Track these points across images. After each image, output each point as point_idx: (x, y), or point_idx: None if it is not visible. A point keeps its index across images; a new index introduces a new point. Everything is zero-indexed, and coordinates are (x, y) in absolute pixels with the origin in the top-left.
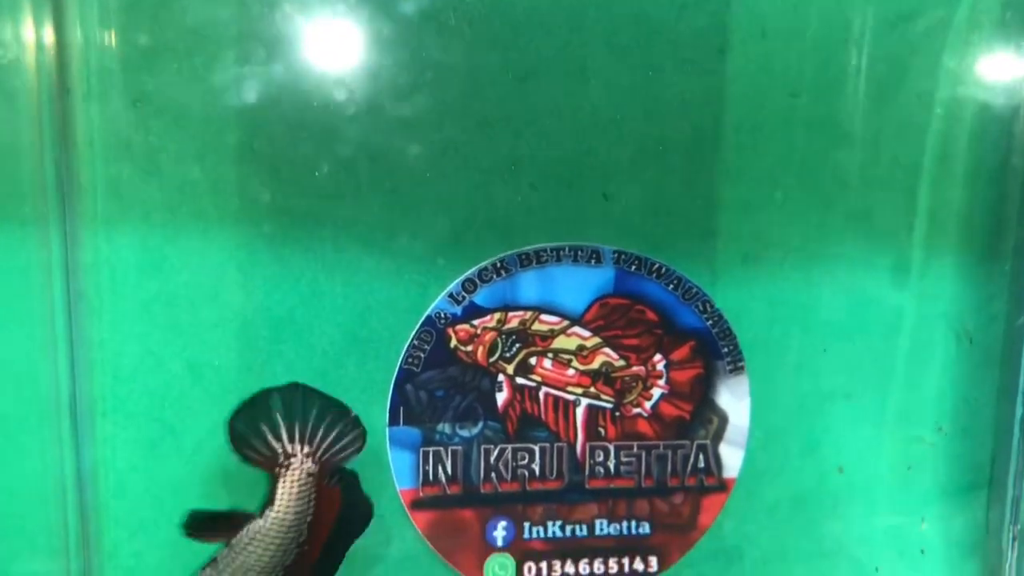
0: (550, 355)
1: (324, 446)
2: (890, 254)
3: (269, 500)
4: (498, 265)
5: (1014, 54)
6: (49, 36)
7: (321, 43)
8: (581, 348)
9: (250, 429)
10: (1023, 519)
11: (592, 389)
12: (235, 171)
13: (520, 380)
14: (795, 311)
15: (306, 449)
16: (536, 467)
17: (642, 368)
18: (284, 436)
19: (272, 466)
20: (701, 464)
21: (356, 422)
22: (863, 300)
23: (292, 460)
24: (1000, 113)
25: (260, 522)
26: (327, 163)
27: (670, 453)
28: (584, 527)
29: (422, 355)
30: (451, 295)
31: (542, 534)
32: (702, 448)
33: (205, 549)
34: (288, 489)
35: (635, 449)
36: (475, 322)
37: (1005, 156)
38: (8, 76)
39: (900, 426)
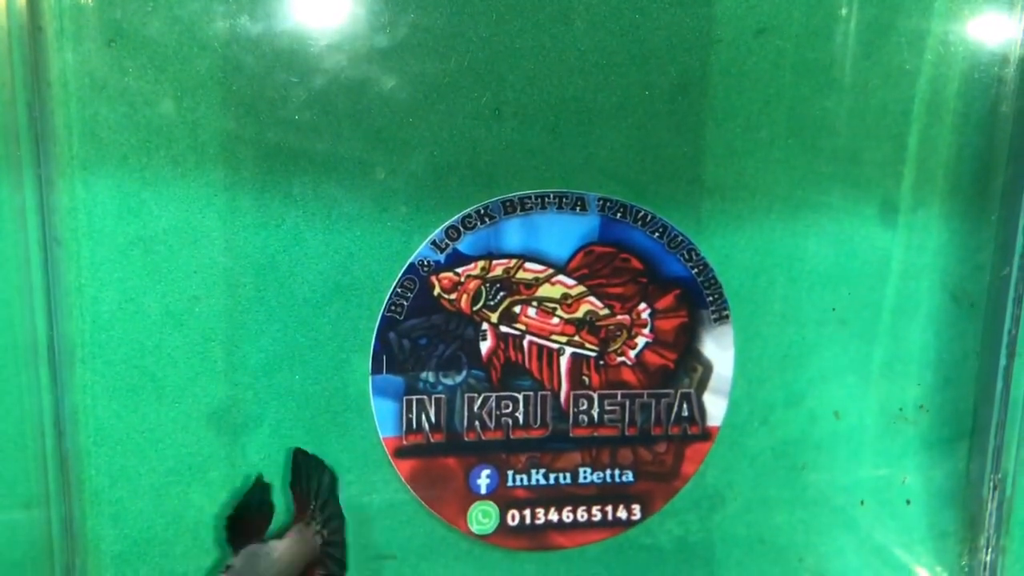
0: (534, 303)
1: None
2: (877, 202)
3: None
4: (482, 212)
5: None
6: None
7: None
8: (566, 296)
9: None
10: (1003, 468)
11: (576, 338)
12: (214, 113)
13: (504, 328)
14: (781, 260)
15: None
16: (520, 415)
17: (627, 317)
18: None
19: (304, 508)
20: (685, 413)
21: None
22: (849, 249)
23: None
24: (989, 59)
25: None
26: (308, 104)
27: (654, 402)
28: (567, 475)
29: (405, 303)
30: (434, 242)
31: (525, 482)
32: (686, 397)
33: (189, 498)
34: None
35: (619, 398)
36: (459, 270)
37: (994, 103)
38: None
39: (884, 377)
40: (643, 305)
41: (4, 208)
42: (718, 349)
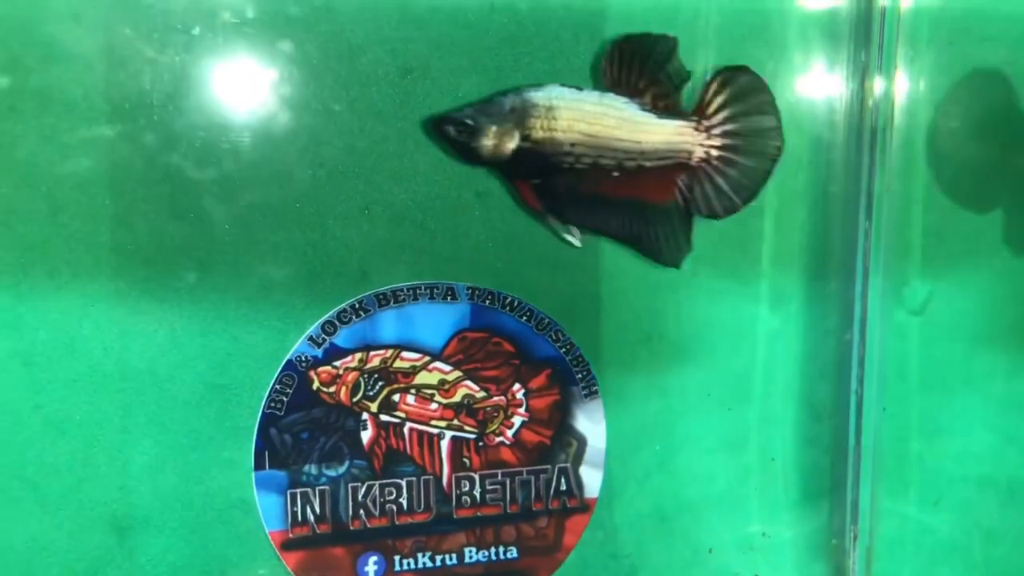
0: (413, 391)
1: None
2: (732, 278)
3: None
4: (356, 306)
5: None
6: None
7: (170, 95)
8: (443, 382)
9: None
10: (861, 520)
11: (455, 421)
12: (86, 227)
13: (384, 417)
14: (640, 335)
15: None
16: (404, 501)
17: (502, 398)
18: None
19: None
20: (563, 487)
21: None
22: (707, 322)
23: None
24: (818, 144)
25: None
26: (181, 212)
27: (533, 479)
28: (454, 556)
29: (285, 399)
30: (311, 338)
31: (413, 566)
32: (563, 472)
33: None
34: None
35: (499, 477)
36: (337, 363)
37: (824, 184)
38: None
39: (749, 438)
40: (517, 385)
41: None
42: (590, 423)
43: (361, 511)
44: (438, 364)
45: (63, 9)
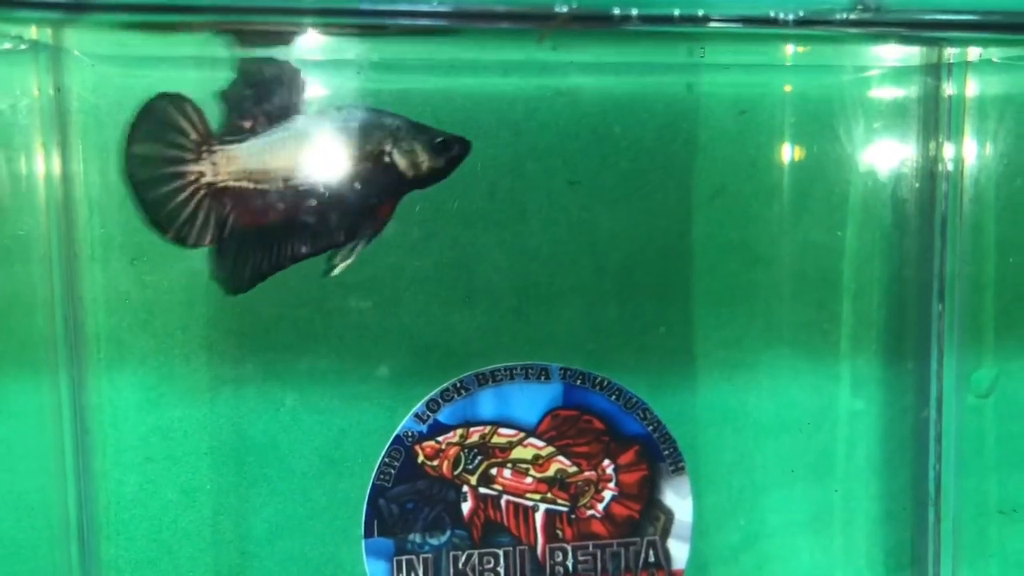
0: (509, 465)
1: None
2: (812, 358)
3: None
4: (458, 386)
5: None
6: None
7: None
8: (537, 457)
9: None
10: None
11: (549, 495)
12: (220, 315)
13: (483, 490)
14: (726, 415)
15: None
16: (501, 570)
17: (593, 473)
18: None
19: None
20: (652, 559)
21: None
22: (787, 401)
23: None
24: (892, 230)
25: None
26: (302, 302)
27: (623, 550)
28: None
29: (392, 471)
30: (417, 415)
31: None
32: (651, 544)
33: None
34: None
35: (591, 548)
36: (440, 438)
37: (899, 269)
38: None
39: (833, 516)
40: (607, 461)
41: (43, 406)
42: (677, 498)
43: None
44: (532, 440)
45: None
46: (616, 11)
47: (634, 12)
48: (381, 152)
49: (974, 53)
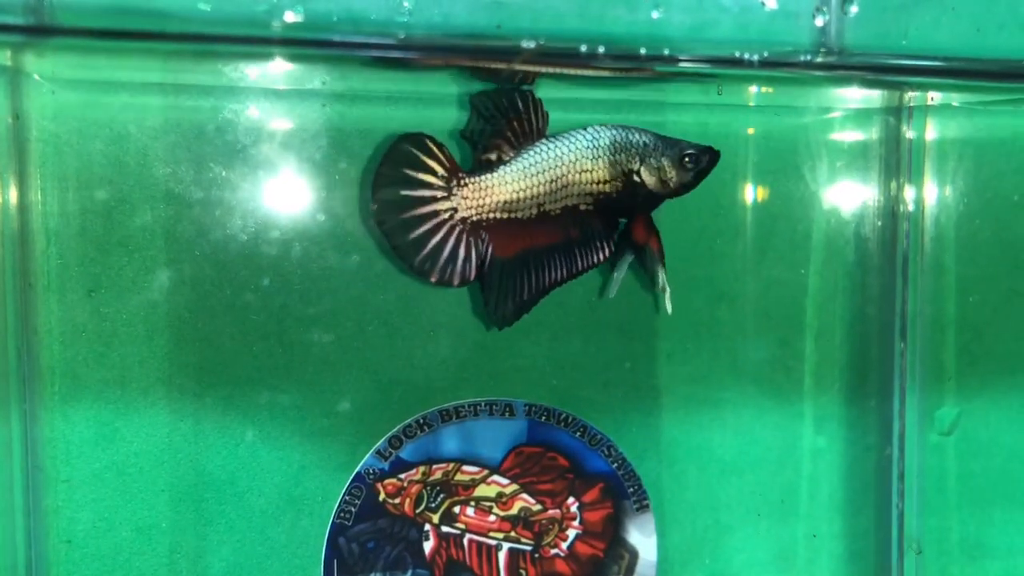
0: (472, 503)
1: None
2: (776, 396)
3: None
4: (421, 422)
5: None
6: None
7: (255, 232)
8: (500, 495)
9: None
10: None
11: (513, 533)
12: (180, 349)
13: (445, 528)
14: (689, 451)
15: None
16: None
17: (557, 511)
18: None
19: None
20: None
21: None
22: (750, 439)
23: None
24: (854, 268)
25: None
26: (265, 335)
27: None
28: None
29: (353, 509)
30: (378, 451)
31: None
32: None
33: None
34: None
35: None
36: (402, 476)
37: (860, 307)
38: None
39: (794, 553)
40: (571, 499)
41: None
42: (642, 536)
43: None
44: (496, 478)
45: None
46: (583, 48)
47: (600, 50)
48: (629, 171)
49: (934, 97)
